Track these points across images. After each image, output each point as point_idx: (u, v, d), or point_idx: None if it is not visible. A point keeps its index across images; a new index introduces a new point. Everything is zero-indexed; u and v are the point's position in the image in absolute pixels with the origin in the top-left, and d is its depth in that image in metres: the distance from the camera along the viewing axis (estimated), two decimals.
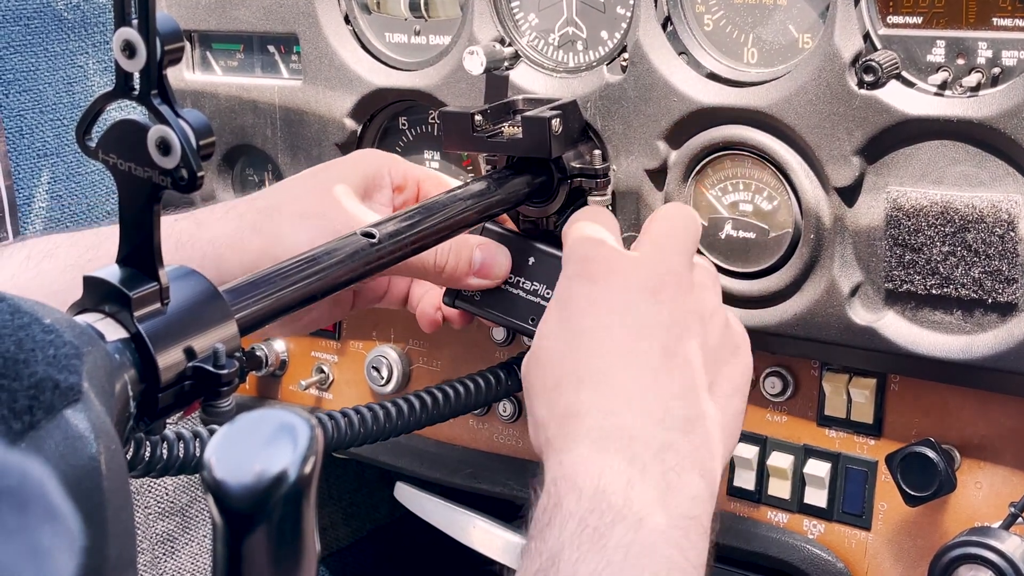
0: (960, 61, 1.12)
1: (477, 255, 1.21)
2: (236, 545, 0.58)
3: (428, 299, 1.29)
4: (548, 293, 1.23)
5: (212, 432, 0.96)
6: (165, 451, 0.93)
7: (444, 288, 1.26)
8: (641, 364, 1.00)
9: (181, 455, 0.93)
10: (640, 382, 0.99)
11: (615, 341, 1.01)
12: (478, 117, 1.25)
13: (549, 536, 0.90)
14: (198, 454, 0.94)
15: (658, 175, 1.27)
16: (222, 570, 0.58)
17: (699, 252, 1.22)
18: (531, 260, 1.25)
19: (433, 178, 1.29)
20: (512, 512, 1.49)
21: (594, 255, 1.07)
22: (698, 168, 1.24)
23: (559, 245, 1.25)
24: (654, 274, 1.04)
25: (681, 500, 0.94)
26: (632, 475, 0.93)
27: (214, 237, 1.12)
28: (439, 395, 1.16)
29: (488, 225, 1.25)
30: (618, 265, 1.05)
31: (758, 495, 1.34)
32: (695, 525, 0.94)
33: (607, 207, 1.29)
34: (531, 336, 1.23)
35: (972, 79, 1.11)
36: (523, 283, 1.24)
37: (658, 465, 0.94)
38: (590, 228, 1.11)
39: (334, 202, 1.15)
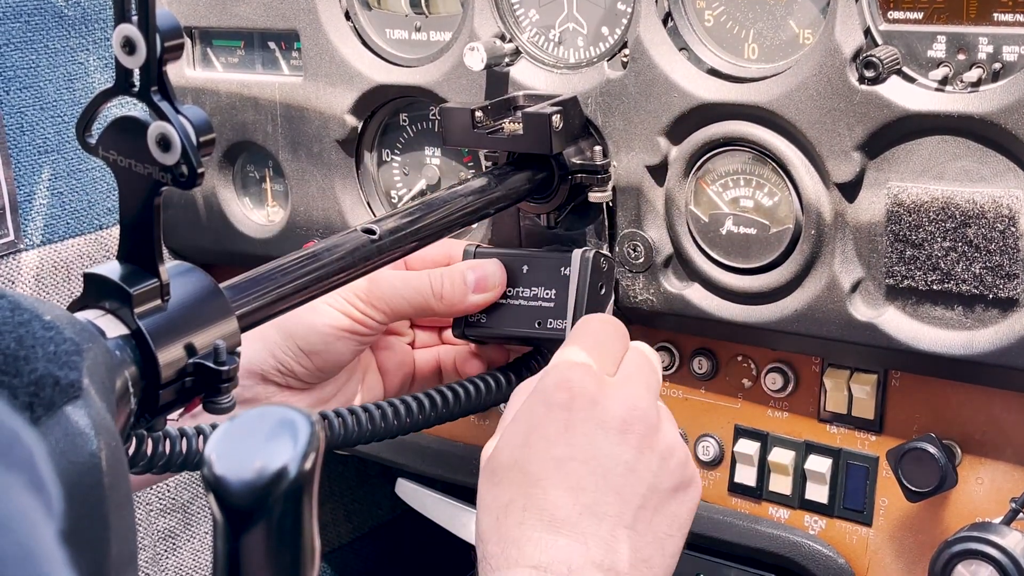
0: (961, 56, 1.12)
1: (469, 275, 1.22)
2: (237, 542, 0.58)
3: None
4: (547, 293, 1.24)
5: (213, 428, 0.96)
6: (166, 448, 0.93)
7: (451, 323, 1.28)
8: (590, 507, 0.99)
9: (182, 452, 0.93)
10: (585, 523, 0.98)
11: (571, 477, 1.00)
12: (479, 113, 1.25)
13: None
14: (199, 450, 0.94)
15: (659, 171, 1.27)
16: (223, 567, 0.58)
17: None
18: (525, 268, 1.25)
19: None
20: None
21: (577, 379, 1.04)
22: (699, 164, 1.24)
23: (549, 245, 1.26)
24: (626, 413, 1.03)
25: None
26: None
27: (248, 362, 1.14)
28: (441, 396, 1.16)
29: (478, 248, 1.27)
30: (596, 398, 1.03)
31: (759, 491, 1.34)
32: None
33: (607, 204, 1.29)
34: (541, 341, 1.24)
35: (973, 74, 1.11)
36: (521, 292, 1.25)
37: None
38: (582, 351, 1.09)
39: None
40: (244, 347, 0.93)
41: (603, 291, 1.25)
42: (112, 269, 0.82)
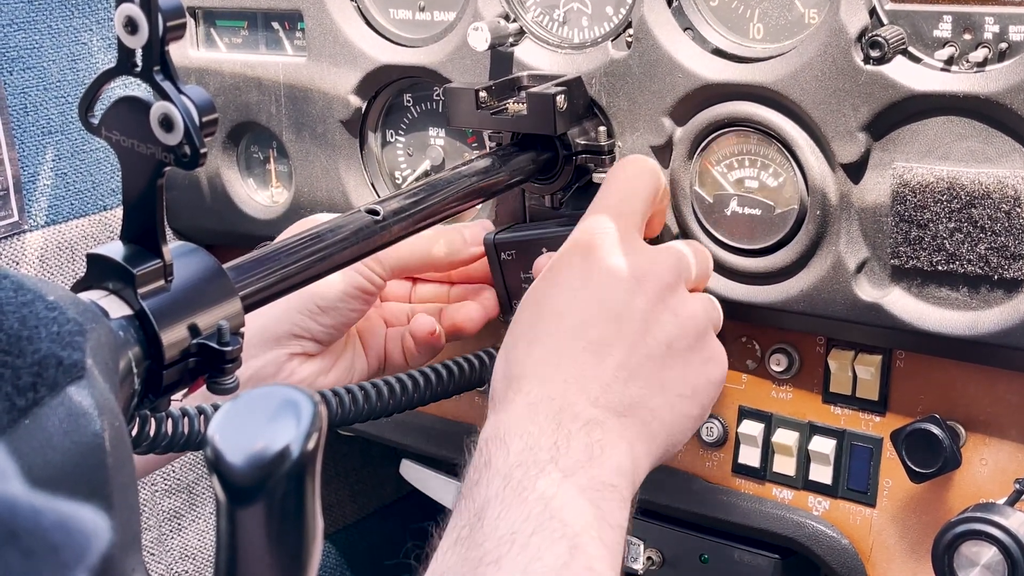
0: (967, 36, 1.11)
1: (465, 231, 1.26)
2: (240, 522, 0.58)
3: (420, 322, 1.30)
4: None
5: (216, 408, 0.97)
6: (169, 428, 0.93)
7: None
8: (595, 343, 1.03)
9: (185, 432, 0.93)
10: (585, 359, 1.03)
11: (579, 315, 1.05)
12: (483, 93, 1.25)
13: (477, 494, 0.93)
14: (202, 431, 0.94)
15: (663, 151, 1.26)
16: (226, 547, 0.58)
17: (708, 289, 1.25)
18: (544, 250, 1.25)
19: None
20: None
21: (603, 231, 1.10)
22: (704, 144, 1.24)
23: (560, 226, 1.26)
24: (645, 268, 1.08)
25: (603, 470, 0.97)
26: (558, 439, 0.97)
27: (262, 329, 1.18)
28: (443, 371, 1.16)
29: (498, 236, 1.27)
30: (616, 248, 1.08)
31: (763, 472, 1.34)
32: (614, 493, 0.97)
33: None
34: None
35: (979, 54, 1.10)
36: None
37: (583, 436, 0.98)
38: (617, 204, 1.14)
39: None
40: (264, 311, 0.95)
41: None
42: (115, 249, 0.82)
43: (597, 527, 0.93)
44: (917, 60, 1.13)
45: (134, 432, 0.88)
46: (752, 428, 1.34)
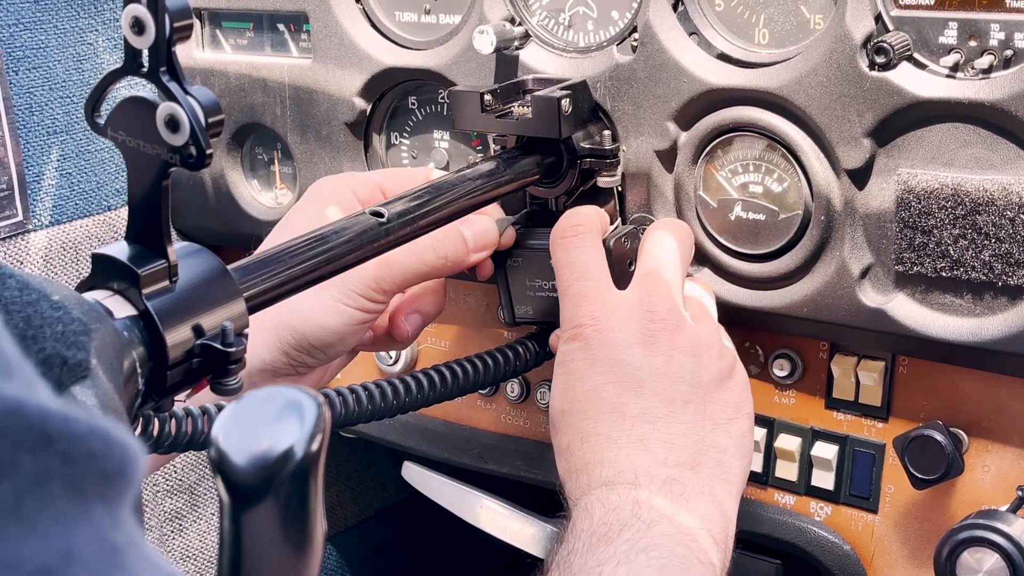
0: (972, 43, 1.11)
1: (467, 232, 1.24)
2: (243, 522, 0.58)
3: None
4: None
5: (219, 408, 0.97)
6: (172, 427, 0.93)
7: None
8: (639, 415, 1.07)
9: (188, 431, 0.93)
10: (638, 431, 1.06)
11: (611, 399, 1.08)
12: (488, 96, 1.25)
13: (562, 552, 0.97)
14: (205, 430, 0.94)
15: (668, 156, 1.26)
16: (229, 547, 0.58)
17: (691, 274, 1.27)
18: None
19: (393, 176, 1.29)
20: (520, 492, 1.49)
21: (584, 317, 1.12)
22: (708, 149, 1.24)
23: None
24: (643, 325, 1.11)
25: (688, 518, 1.00)
26: (639, 498, 1.00)
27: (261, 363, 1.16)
28: (447, 373, 1.16)
29: (519, 247, 1.28)
30: (608, 324, 1.11)
31: (765, 477, 1.34)
32: (704, 533, 1.00)
33: (616, 189, 1.29)
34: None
35: (984, 61, 1.10)
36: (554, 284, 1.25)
37: (665, 494, 1.01)
38: (577, 283, 1.16)
39: (314, 304, 1.17)
40: (255, 347, 0.94)
41: (632, 267, 1.24)
42: (120, 250, 0.82)
43: (685, 561, 0.96)
44: (922, 66, 1.13)
45: (137, 432, 0.88)
46: (755, 433, 1.33)
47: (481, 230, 1.25)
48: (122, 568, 0.45)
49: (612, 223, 1.30)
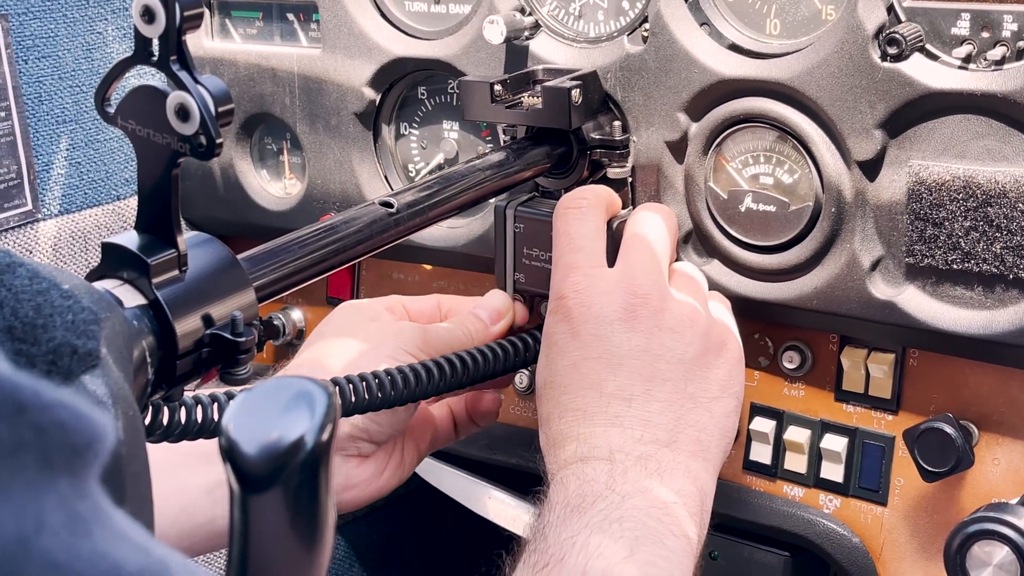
0: (985, 34, 1.11)
1: (482, 314, 1.25)
2: (253, 512, 0.58)
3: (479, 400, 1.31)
4: None
5: (229, 396, 0.97)
6: (182, 416, 0.93)
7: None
8: (615, 392, 1.07)
9: (198, 420, 0.93)
10: (615, 408, 1.06)
11: (589, 375, 1.08)
12: (498, 87, 1.25)
13: (538, 525, 0.98)
14: (215, 419, 0.94)
15: (678, 147, 1.26)
16: (239, 537, 0.58)
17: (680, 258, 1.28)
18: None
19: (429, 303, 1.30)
20: (528, 483, 1.49)
21: (568, 289, 1.13)
22: (719, 140, 1.23)
23: None
24: (626, 301, 1.11)
25: (664, 491, 1.01)
26: (614, 472, 1.01)
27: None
28: (457, 362, 1.16)
29: (519, 208, 1.27)
30: (590, 298, 1.11)
31: (774, 469, 1.34)
32: (679, 507, 1.00)
33: (627, 180, 1.29)
34: None
35: (997, 52, 1.10)
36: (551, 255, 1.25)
37: (639, 469, 1.02)
38: (569, 254, 1.16)
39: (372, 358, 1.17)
40: None
41: None
42: (130, 239, 0.82)
43: (659, 534, 0.96)
44: (934, 58, 1.13)
45: (147, 421, 0.88)
46: (764, 425, 1.33)
47: (493, 307, 1.26)
48: (88, 537, 0.46)
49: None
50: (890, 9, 1.14)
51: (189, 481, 1.12)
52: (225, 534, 0.99)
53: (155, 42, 0.76)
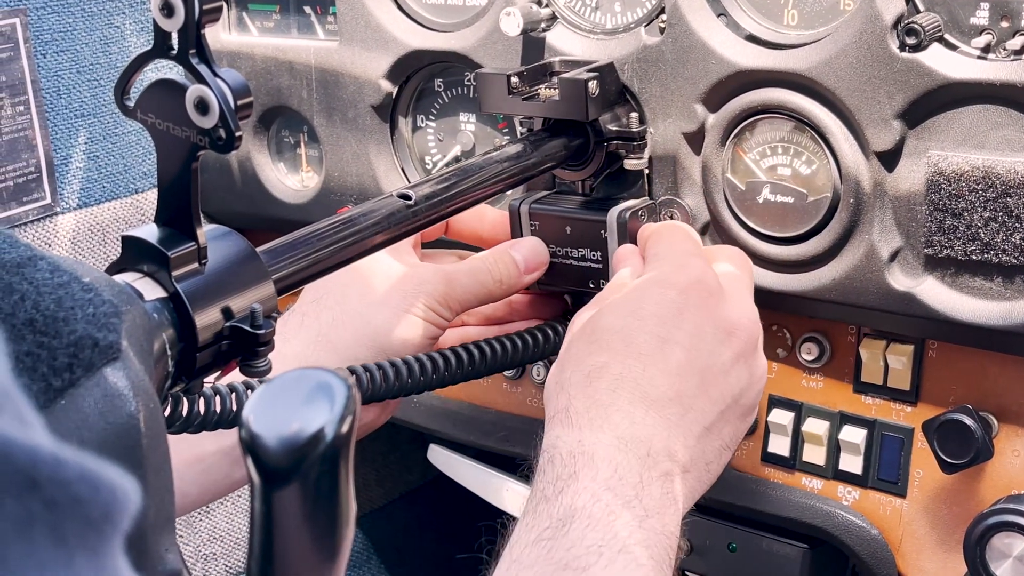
0: (1004, 24, 1.10)
1: (517, 256, 1.24)
2: (274, 504, 0.58)
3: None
4: (594, 255, 1.26)
5: (249, 387, 0.97)
6: (201, 407, 0.93)
7: None
8: (680, 395, 1.03)
9: (217, 411, 0.94)
10: (671, 411, 1.02)
11: (670, 360, 1.03)
12: (514, 79, 1.25)
13: (562, 502, 0.94)
14: (234, 409, 0.95)
15: (696, 138, 1.26)
16: (259, 528, 0.59)
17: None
18: (568, 229, 1.25)
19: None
20: None
21: (699, 271, 1.08)
22: (736, 131, 1.23)
23: (587, 209, 1.25)
24: (738, 317, 1.08)
25: (671, 520, 0.99)
26: (643, 478, 0.97)
27: (295, 352, 1.17)
28: (475, 352, 1.16)
29: (532, 205, 1.27)
30: (713, 291, 1.07)
31: (793, 461, 1.34)
32: (672, 542, 0.99)
33: (643, 171, 1.29)
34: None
35: (1016, 42, 1.09)
36: (570, 252, 1.27)
37: (660, 485, 0.99)
38: (692, 244, 1.16)
39: (391, 318, 1.17)
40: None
41: None
42: (150, 232, 0.82)
43: (666, 570, 0.96)
44: (953, 48, 1.12)
45: (167, 412, 0.88)
46: (782, 417, 1.33)
47: (532, 251, 1.26)
48: None
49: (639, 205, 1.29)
50: None
51: (208, 446, 1.13)
52: (241, 483, 0.99)
53: (174, 36, 0.76)
